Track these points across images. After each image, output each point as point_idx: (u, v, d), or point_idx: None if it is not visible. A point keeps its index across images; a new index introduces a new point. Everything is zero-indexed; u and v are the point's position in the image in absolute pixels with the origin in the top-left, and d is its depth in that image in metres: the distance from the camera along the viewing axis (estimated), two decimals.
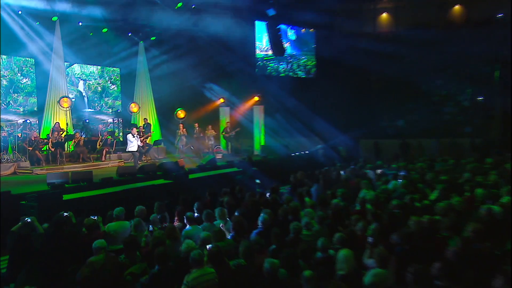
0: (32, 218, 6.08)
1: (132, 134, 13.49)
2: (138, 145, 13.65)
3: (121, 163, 15.08)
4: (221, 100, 20.81)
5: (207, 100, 20.93)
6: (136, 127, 14.86)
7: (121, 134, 18.04)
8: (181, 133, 17.81)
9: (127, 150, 13.92)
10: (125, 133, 15.84)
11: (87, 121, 17.53)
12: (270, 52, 21.08)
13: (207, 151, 17.84)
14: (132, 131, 13.65)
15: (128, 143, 13.57)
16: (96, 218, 6.37)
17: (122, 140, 17.01)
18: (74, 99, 17.33)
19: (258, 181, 12.29)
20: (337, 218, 6.47)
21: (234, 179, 12.35)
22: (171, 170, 12.15)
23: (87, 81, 18.67)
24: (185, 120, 19.02)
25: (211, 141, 18.62)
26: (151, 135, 17.13)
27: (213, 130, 18.97)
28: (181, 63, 18.14)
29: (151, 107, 19.44)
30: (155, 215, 6.80)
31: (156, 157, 16.82)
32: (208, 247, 4.83)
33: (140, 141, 14.04)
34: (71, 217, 6.42)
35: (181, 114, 19.25)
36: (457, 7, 22.30)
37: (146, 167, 12.18)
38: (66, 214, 6.27)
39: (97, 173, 11.53)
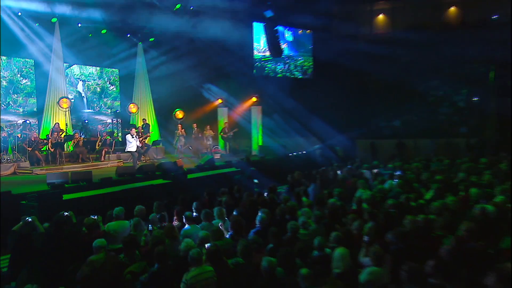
0: (33, 217, 6.09)
1: (131, 134, 13.46)
2: (137, 145, 13.62)
3: (120, 163, 15.08)
4: (219, 100, 20.88)
5: (205, 100, 20.99)
6: (135, 128, 14.86)
7: (120, 134, 17.98)
8: (179, 134, 17.81)
9: (126, 150, 13.88)
10: (124, 134, 15.82)
11: (86, 121, 17.50)
12: (267, 53, 21.02)
13: (206, 151, 17.80)
14: (131, 132, 13.63)
15: (127, 144, 13.53)
16: (96, 217, 6.38)
17: (121, 140, 16.97)
18: (73, 100, 17.29)
19: (256, 181, 12.31)
20: (333, 217, 6.47)
21: (232, 179, 12.34)
22: (170, 170, 12.15)
23: (86, 82, 18.64)
24: (183, 120, 19.05)
25: (209, 141, 18.61)
26: (149, 136, 17.13)
27: (211, 130, 18.97)
28: (179, 64, 18.14)
29: (150, 108, 19.47)
30: (154, 214, 6.84)
31: (155, 157, 16.81)
32: (206, 246, 4.87)
33: (139, 141, 14.03)
34: (72, 217, 6.43)
35: (179, 114, 19.31)
36: (452, 9, 22.28)
37: (145, 167, 12.18)
38: (66, 213, 6.28)
39: (96, 173, 11.50)
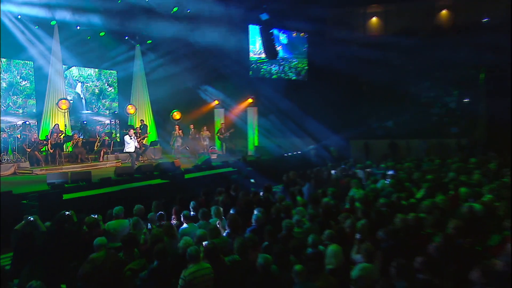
0: (34, 216, 6.18)
1: (129, 135, 13.50)
2: (135, 146, 13.67)
3: (119, 164, 15.16)
4: (216, 102, 21.04)
5: (202, 102, 21.13)
6: (133, 129, 14.92)
7: (118, 135, 18.05)
8: (176, 134, 17.98)
9: (124, 151, 13.93)
10: (122, 134, 15.87)
11: (85, 122, 17.54)
12: (263, 55, 21.12)
13: (203, 151, 17.94)
14: (129, 133, 13.67)
15: (125, 144, 13.58)
16: (96, 216, 6.49)
17: (119, 141, 17.02)
18: (72, 101, 17.39)
19: (252, 180, 12.43)
20: (327, 216, 6.55)
21: (229, 178, 12.41)
22: (168, 170, 12.24)
23: (85, 84, 18.73)
24: (181, 121, 19.19)
25: (206, 142, 18.76)
26: (147, 136, 17.26)
27: (208, 131, 19.14)
28: (177, 66, 18.27)
29: (148, 109, 19.59)
30: (153, 213, 6.93)
31: (152, 158, 16.92)
32: (204, 243, 4.97)
33: (137, 142, 14.09)
34: (73, 216, 6.54)
35: (177, 115, 19.47)
36: (444, 12, 22.47)
37: (143, 167, 12.27)
38: (67, 213, 6.38)
39: (95, 173, 11.56)
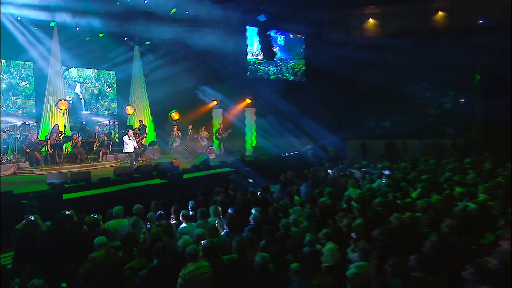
0: (35, 216, 6.25)
1: (128, 135, 13.56)
2: (134, 146, 13.73)
3: (118, 164, 15.19)
4: (214, 102, 21.09)
5: (200, 102, 21.16)
6: (131, 129, 14.99)
7: (117, 135, 18.10)
8: (175, 135, 18.03)
9: (123, 151, 13.99)
10: (121, 135, 15.90)
11: (84, 123, 17.56)
12: (261, 56, 21.18)
13: (201, 151, 17.99)
14: (128, 133, 13.74)
15: (124, 145, 13.63)
16: (96, 216, 6.56)
17: (118, 141, 17.07)
18: (71, 102, 17.40)
19: (250, 180, 12.51)
20: (324, 215, 6.61)
21: (227, 178, 12.47)
22: (167, 170, 12.30)
23: (84, 84, 18.77)
24: (179, 122, 19.25)
25: (204, 142, 18.83)
26: (146, 137, 17.31)
27: (206, 131, 19.21)
28: (175, 67, 18.31)
29: (146, 109, 19.64)
30: (152, 213, 6.99)
31: (151, 158, 16.96)
32: (203, 242, 5.05)
33: (136, 142, 14.14)
34: (73, 215, 6.62)
35: (175, 116, 19.53)
36: (440, 14, 22.57)
37: (142, 168, 12.35)
38: (68, 212, 6.46)
39: (94, 174, 11.61)
